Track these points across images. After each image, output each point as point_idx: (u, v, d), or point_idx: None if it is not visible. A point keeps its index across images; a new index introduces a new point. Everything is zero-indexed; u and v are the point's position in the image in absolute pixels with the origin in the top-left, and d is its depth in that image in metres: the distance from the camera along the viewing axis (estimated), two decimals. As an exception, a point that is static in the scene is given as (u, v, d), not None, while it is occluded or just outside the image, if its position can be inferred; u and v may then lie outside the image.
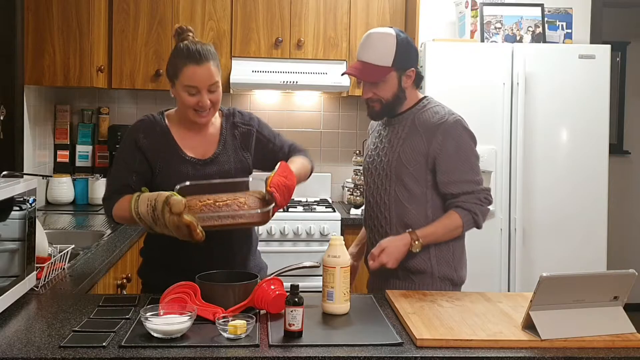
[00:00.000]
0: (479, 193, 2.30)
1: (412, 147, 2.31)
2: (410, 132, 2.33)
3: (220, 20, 4.06)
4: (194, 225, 1.97)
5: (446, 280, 2.34)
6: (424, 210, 2.32)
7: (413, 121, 2.34)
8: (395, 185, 2.33)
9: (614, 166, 4.27)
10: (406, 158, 2.31)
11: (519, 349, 1.67)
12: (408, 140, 2.32)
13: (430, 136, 2.29)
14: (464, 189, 2.29)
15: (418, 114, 2.35)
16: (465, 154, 2.31)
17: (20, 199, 1.96)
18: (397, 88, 2.33)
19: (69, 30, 3.68)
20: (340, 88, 4.11)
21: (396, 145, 2.35)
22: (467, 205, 2.29)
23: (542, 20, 4.00)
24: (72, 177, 4.14)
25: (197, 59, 2.17)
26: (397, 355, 1.62)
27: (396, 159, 2.33)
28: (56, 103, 4.23)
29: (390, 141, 2.37)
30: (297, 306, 1.70)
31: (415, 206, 2.32)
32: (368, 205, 2.46)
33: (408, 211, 2.32)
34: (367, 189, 2.47)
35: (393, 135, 2.37)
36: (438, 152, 2.28)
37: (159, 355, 1.57)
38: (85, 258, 2.62)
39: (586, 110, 3.82)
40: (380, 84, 2.31)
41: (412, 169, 2.31)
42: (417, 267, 2.31)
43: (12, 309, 1.88)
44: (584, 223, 3.82)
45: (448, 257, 2.35)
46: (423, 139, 2.30)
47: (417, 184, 2.31)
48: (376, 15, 4.16)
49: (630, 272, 1.78)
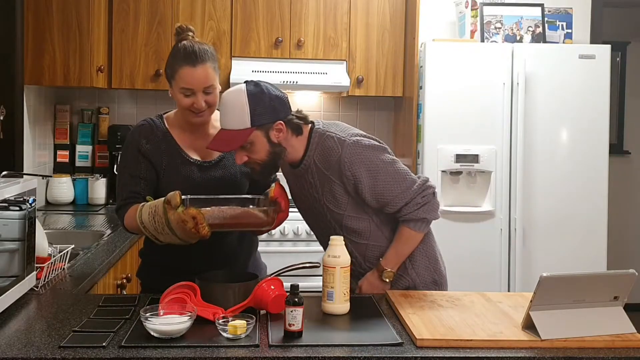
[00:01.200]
0: (415, 197, 2.16)
1: (332, 194, 2.19)
2: (321, 179, 2.19)
3: (220, 20, 4.06)
4: (200, 217, 1.92)
5: (430, 284, 2.29)
6: (379, 235, 2.24)
7: (316, 166, 2.19)
8: (344, 232, 2.19)
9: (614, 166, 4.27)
10: (334, 206, 2.20)
11: (519, 349, 1.67)
12: (325, 188, 2.19)
13: (339, 176, 2.16)
14: (400, 204, 2.17)
15: (316, 157, 2.18)
16: (380, 171, 2.16)
17: (20, 199, 1.96)
18: (268, 146, 2.11)
19: (69, 30, 3.68)
20: (340, 88, 4.11)
21: (317, 196, 2.22)
22: (410, 215, 2.18)
23: (542, 20, 4.00)
24: (72, 177, 4.14)
25: (193, 60, 2.14)
26: (397, 355, 1.62)
27: (327, 210, 2.22)
28: (56, 103, 4.23)
29: (310, 193, 2.24)
30: (297, 306, 1.70)
31: (373, 236, 2.24)
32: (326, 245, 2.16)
33: (369, 247, 2.25)
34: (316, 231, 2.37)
35: (308, 186, 2.23)
36: (355, 185, 2.15)
37: (159, 355, 1.57)
38: (85, 258, 2.61)
39: (586, 110, 3.82)
40: (248, 147, 2.10)
41: (346, 213, 2.20)
42: (403, 286, 2.26)
43: (12, 309, 1.88)
44: (584, 223, 3.82)
45: (424, 263, 2.29)
46: (336, 182, 2.17)
47: (359, 221, 2.22)
48: (376, 15, 4.16)
49: (630, 272, 1.78)
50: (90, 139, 4.25)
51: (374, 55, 4.17)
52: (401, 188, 2.16)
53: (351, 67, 4.15)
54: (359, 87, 4.17)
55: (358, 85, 4.16)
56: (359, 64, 4.16)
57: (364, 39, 4.15)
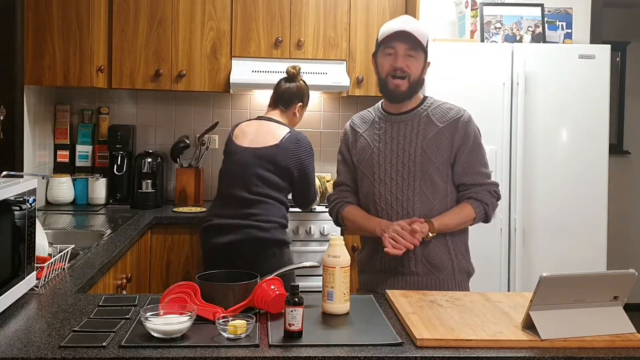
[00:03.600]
0: (489, 186, 2.40)
1: (436, 141, 2.34)
2: (428, 127, 2.36)
3: (220, 20, 4.06)
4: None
5: (463, 272, 2.40)
6: (445, 204, 2.36)
7: (428, 117, 2.38)
8: (420, 180, 2.34)
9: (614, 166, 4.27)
10: (431, 152, 2.34)
11: (519, 349, 1.67)
12: (429, 134, 2.34)
13: (452, 130, 2.35)
14: (476, 181, 2.36)
15: (431, 110, 2.39)
16: (480, 148, 2.41)
17: (20, 199, 1.96)
18: (421, 71, 2.36)
19: (69, 30, 3.68)
20: (340, 88, 4.10)
21: (416, 140, 2.35)
22: (479, 196, 2.36)
23: (542, 20, 4.00)
24: (72, 177, 4.14)
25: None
26: (397, 355, 1.62)
27: (420, 154, 2.34)
28: (56, 103, 4.23)
29: (406, 137, 2.37)
30: (297, 306, 1.70)
31: (438, 201, 2.35)
32: (379, 202, 2.39)
33: (432, 206, 2.34)
34: (377, 186, 2.39)
35: (408, 131, 2.37)
36: (460, 144, 2.35)
37: (159, 355, 1.57)
38: (85, 258, 2.61)
39: (586, 110, 3.82)
40: (412, 60, 2.32)
41: (438, 163, 2.34)
42: (439, 262, 2.35)
43: (12, 309, 1.88)
44: (584, 223, 3.81)
45: (463, 250, 2.42)
46: (445, 133, 2.35)
47: (441, 178, 2.35)
48: (376, 15, 4.16)
49: (630, 272, 1.78)
50: (90, 139, 4.25)
51: (374, 55, 4.17)
52: (484, 170, 2.40)
53: (351, 67, 4.15)
54: (359, 87, 4.17)
55: (358, 85, 4.16)
56: (359, 64, 4.16)
57: (364, 39, 4.15)
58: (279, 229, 3.18)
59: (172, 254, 3.73)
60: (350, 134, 2.54)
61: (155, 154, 4.16)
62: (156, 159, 4.13)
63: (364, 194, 2.46)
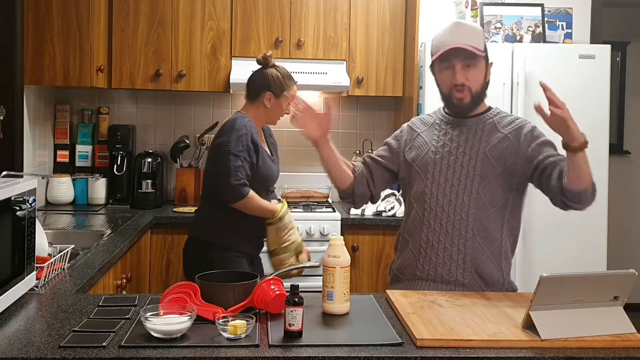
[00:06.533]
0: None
1: (500, 149, 2.25)
2: (492, 134, 2.27)
3: (220, 20, 4.06)
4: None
5: (511, 291, 2.26)
6: (501, 215, 2.26)
7: (493, 124, 2.29)
8: (478, 185, 2.23)
9: (614, 166, 4.26)
10: (494, 159, 2.24)
11: (519, 349, 1.67)
12: (494, 141, 2.26)
13: (518, 133, 2.26)
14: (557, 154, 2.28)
15: (497, 119, 2.31)
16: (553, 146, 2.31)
17: (20, 199, 1.96)
18: (483, 78, 2.29)
19: (69, 30, 3.68)
20: (341, 88, 4.11)
21: (478, 145, 2.26)
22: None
23: (542, 20, 4.00)
24: (72, 177, 4.14)
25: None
26: (397, 355, 1.62)
27: (482, 159, 2.24)
28: (56, 103, 4.23)
29: (468, 140, 2.28)
30: (297, 306, 1.70)
31: (495, 209, 2.25)
32: (428, 202, 2.27)
33: (489, 214, 2.24)
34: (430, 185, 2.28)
35: (471, 135, 2.29)
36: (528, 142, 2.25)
37: (159, 355, 1.57)
38: (85, 258, 2.61)
39: (586, 110, 3.81)
40: (472, 69, 2.24)
41: (499, 170, 2.24)
42: (489, 277, 2.23)
43: (12, 309, 1.88)
44: (584, 223, 3.81)
45: (510, 267, 2.30)
46: (510, 138, 2.25)
47: (500, 186, 2.25)
48: (376, 15, 4.16)
49: (630, 272, 1.78)
50: (90, 139, 4.26)
51: (374, 55, 4.17)
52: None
53: (351, 67, 4.15)
54: (359, 87, 4.17)
55: (358, 85, 4.16)
56: (359, 64, 4.16)
57: (364, 39, 4.15)
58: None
59: (172, 254, 3.73)
60: (407, 132, 2.43)
61: (155, 154, 4.16)
62: (156, 159, 4.13)
63: (413, 195, 2.33)
